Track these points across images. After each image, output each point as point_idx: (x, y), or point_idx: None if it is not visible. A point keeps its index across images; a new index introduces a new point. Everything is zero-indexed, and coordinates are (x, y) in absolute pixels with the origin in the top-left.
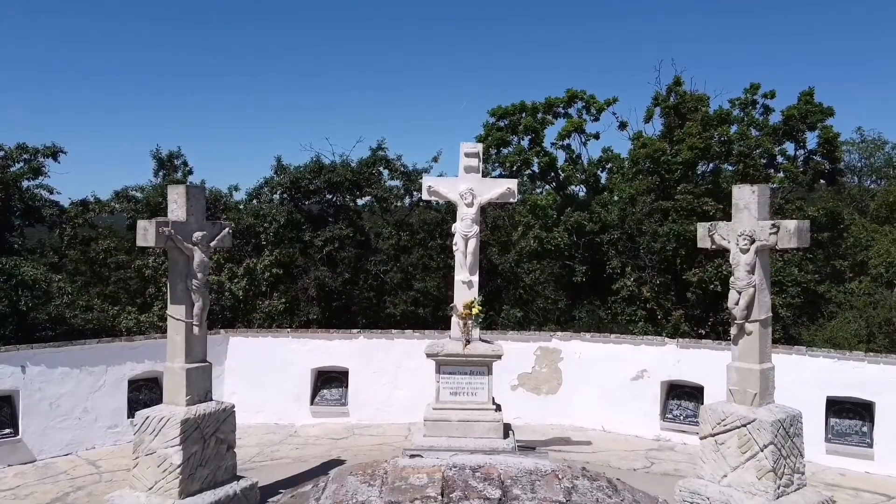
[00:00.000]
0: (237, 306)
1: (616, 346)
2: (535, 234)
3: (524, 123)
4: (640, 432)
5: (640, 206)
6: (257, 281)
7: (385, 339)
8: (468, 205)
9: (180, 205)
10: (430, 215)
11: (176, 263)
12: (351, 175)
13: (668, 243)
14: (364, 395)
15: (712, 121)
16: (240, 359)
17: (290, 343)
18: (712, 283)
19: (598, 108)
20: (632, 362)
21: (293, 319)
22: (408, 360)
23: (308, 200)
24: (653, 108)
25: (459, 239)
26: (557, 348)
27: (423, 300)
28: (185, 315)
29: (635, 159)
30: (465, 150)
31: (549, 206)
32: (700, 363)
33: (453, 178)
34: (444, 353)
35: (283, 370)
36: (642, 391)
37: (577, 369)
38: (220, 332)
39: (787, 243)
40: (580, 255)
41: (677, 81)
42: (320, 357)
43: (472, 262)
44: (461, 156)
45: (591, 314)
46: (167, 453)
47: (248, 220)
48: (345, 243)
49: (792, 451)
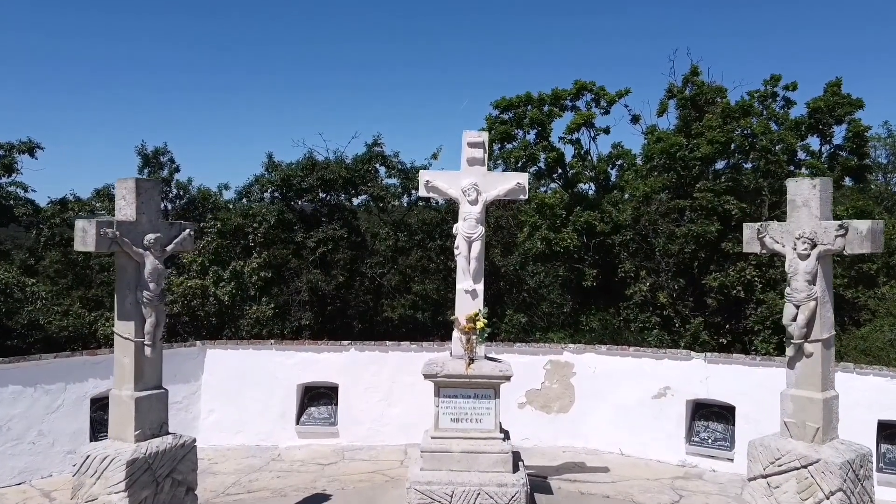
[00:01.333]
0: (223, 312)
1: (635, 359)
2: (543, 235)
3: (530, 116)
4: (662, 457)
5: (655, 205)
6: (245, 285)
7: (379, 351)
8: (472, 202)
9: (129, 202)
10: (430, 215)
11: (124, 271)
12: (345, 172)
13: (687, 245)
14: (355, 413)
15: (734, 112)
16: (218, 373)
17: (273, 356)
18: (734, 288)
19: (609, 100)
20: (653, 378)
21: (284, 325)
22: (404, 375)
23: (300, 199)
24: (666, 100)
25: (462, 241)
26: (569, 362)
27: (422, 304)
28: (134, 333)
29: (649, 155)
30: (468, 139)
31: (557, 205)
32: (731, 380)
33: (455, 172)
34: (444, 373)
35: (266, 386)
36: (665, 411)
37: (591, 385)
38: (195, 344)
39: (858, 248)
40: (590, 257)
41: (694, 71)
42: (307, 371)
43: (476, 268)
44: (463, 146)
45: (602, 321)
46: (110, 501)
47: (237, 220)
48: (339, 245)
49: (862, 498)
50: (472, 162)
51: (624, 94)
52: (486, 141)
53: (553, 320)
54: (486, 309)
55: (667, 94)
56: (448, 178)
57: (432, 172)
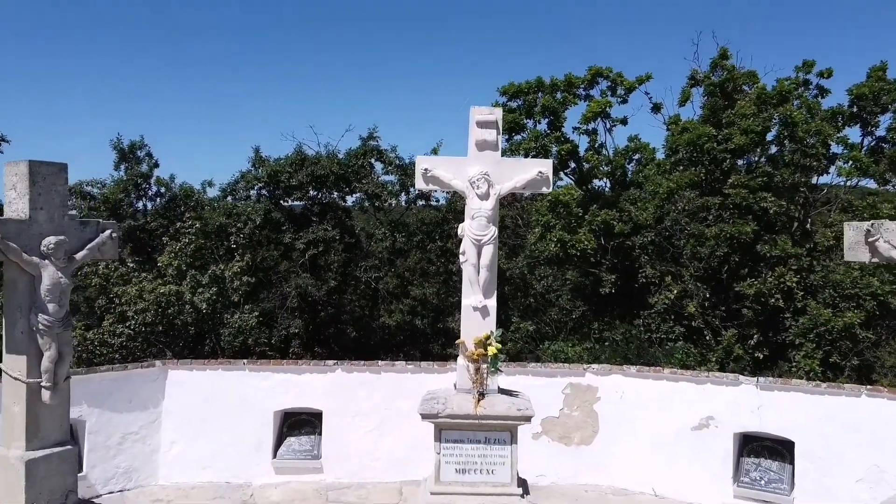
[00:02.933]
0: (203, 321)
1: (671, 383)
2: (558, 237)
3: (542, 103)
4: (704, 499)
5: (681, 202)
6: (226, 291)
7: (370, 372)
8: (482, 196)
9: (21, 193)
10: (430, 214)
11: (13, 287)
12: (338, 168)
13: (718, 248)
14: (343, 444)
15: (771, 98)
16: (181, 398)
17: (246, 377)
18: (772, 296)
19: (628, 88)
20: (694, 406)
21: (272, 334)
22: (399, 400)
23: (289, 198)
24: (689, 88)
25: (469, 246)
26: (593, 385)
27: (422, 309)
28: (26, 371)
29: (674, 147)
30: (477, 116)
31: (573, 203)
32: (789, 410)
33: (460, 159)
34: (448, 413)
35: (239, 413)
36: (708, 444)
37: (618, 413)
38: (154, 365)
39: None
40: (608, 261)
41: (723, 54)
42: (286, 395)
43: (487, 279)
44: (471, 126)
45: (624, 334)
46: None
47: (219, 219)
48: (331, 246)
49: None
50: (482, 146)
51: (645, 79)
52: (499, 119)
53: (561, 327)
54: (501, 330)
55: (689, 82)
56: (452, 165)
57: (432, 158)
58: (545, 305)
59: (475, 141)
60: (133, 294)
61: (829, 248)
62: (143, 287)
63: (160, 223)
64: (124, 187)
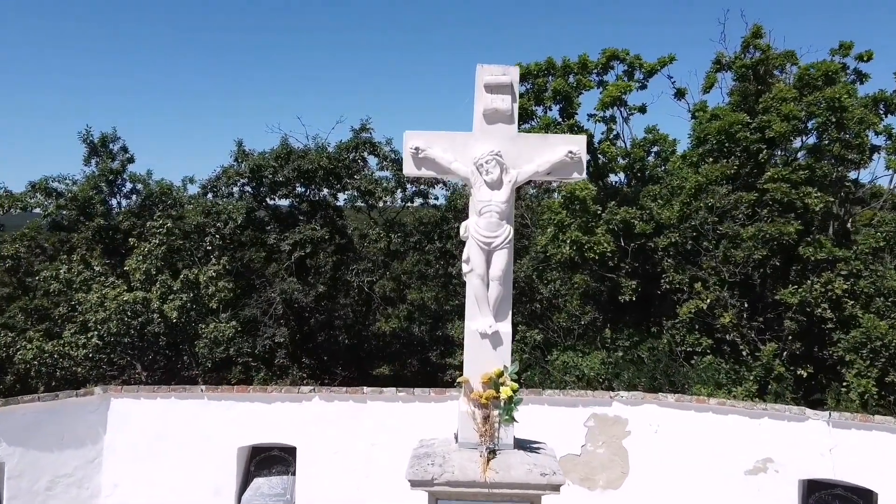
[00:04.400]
0: (174, 331)
1: (719, 416)
2: (573, 237)
3: (553, 87)
4: None
5: (712, 198)
6: (201, 297)
7: (353, 401)
8: (492, 184)
9: None
10: (428, 213)
11: None
12: (327, 162)
13: (756, 250)
14: (321, 487)
15: (815, 80)
16: (127, 432)
17: (205, 407)
18: (818, 306)
19: (648, 71)
20: (747, 445)
21: (255, 344)
22: (388, 434)
23: (275, 195)
24: (713, 73)
25: (475, 251)
26: (622, 416)
27: (419, 315)
28: None
29: (702, 136)
30: (486, 77)
31: (590, 199)
32: (869, 453)
33: (464, 134)
34: (446, 479)
35: (195, 449)
36: (765, 492)
37: (653, 450)
38: (94, 393)
39: None
40: (628, 265)
41: (756, 33)
42: (254, 428)
43: (499, 294)
44: (477, 90)
45: (646, 347)
46: None
47: (197, 218)
48: (320, 247)
49: None
50: (491, 117)
51: (668, 61)
52: (515, 82)
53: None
54: (517, 364)
55: (714, 66)
56: (452, 142)
57: (425, 134)
58: (550, 310)
59: (483, 110)
60: (94, 302)
61: (875, 251)
62: (104, 294)
63: (133, 223)
64: (95, 183)
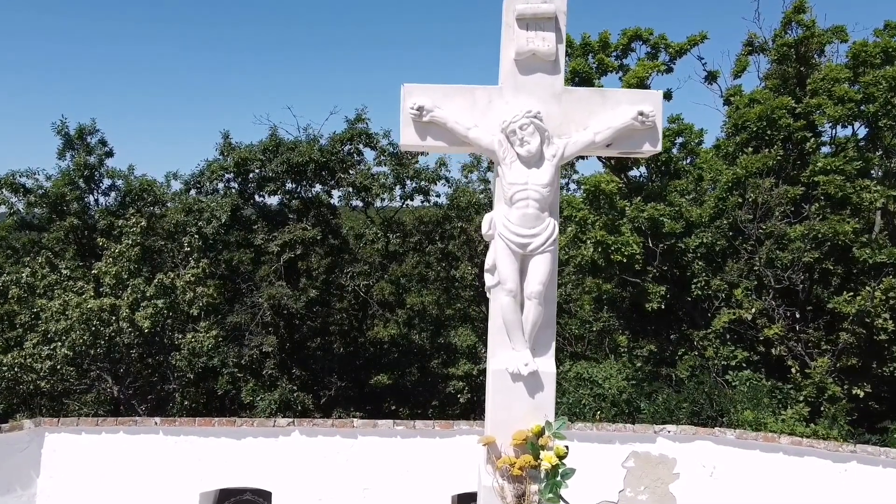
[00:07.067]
0: (147, 341)
1: (791, 458)
2: (597, 237)
3: (571, 67)
4: None
5: (753, 193)
6: (178, 304)
7: (341, 436)
8: (528, 159)
9: None
10: (429, 212)
11: None
12: (319, 155)
13: (805, 253)
14: None
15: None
16: (65, 473)
17: (160, 443)
18: (879, 316)
19: (675, 51)
20: (830, 494)
21: (241, 353)
22: (384, 475)
23: (263, 191)
24: (744, 56)
25: (504, 256)
26: (668, 456)
27: (419, 321)
28: None
29: (739, 124)
30: (518, 6)
31: (616, 193)
32: None
33: (486, 89)
34: None
35: (149, 494)
36: None
37: (708, 497)
38: (23, 426)
39: None
40: (656, 268)
41: (798, 7)
42: (220, 469)
43: (537, 318)
44: (505, 29)
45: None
46: None
47: (177, 216)
48: (312, 248)
49: None
50: (526, 64)
51: (698, 40)
52: (561, 14)
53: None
54: (565, 419)
55: (745, 47)
56: (470, 100)
57: (431, 88)
58: (560, 314)
59: (515, 55)
60: (55, 309)
61: None
62: (67, 300)
63: (111, 222)
64: (70, 179)
